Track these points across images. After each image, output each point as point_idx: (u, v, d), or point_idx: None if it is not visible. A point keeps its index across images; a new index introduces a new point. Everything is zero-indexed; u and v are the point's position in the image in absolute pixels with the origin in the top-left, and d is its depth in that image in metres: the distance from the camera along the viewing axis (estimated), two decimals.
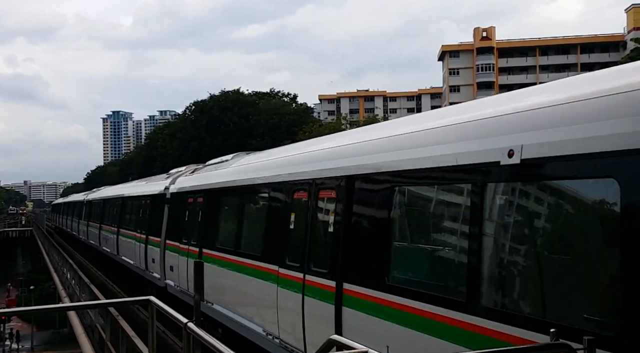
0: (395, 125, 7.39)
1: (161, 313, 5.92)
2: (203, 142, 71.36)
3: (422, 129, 6.10)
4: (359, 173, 6.65)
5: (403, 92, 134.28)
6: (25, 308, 7.84)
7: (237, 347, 4.82)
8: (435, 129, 5.83)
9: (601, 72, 4.91)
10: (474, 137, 5.10)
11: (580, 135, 4.04)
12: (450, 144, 5.31)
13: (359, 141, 7.43)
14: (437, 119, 6.22)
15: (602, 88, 4.19)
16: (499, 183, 4.77)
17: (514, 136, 4.63)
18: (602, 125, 3.94)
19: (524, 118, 4.72)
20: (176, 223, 15.15)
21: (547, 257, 4.45)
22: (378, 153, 6.52)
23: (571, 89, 4.62)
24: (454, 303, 4.99)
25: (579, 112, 4.22)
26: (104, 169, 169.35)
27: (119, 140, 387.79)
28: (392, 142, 6.45)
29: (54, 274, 37.38)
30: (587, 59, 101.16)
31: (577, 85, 4.82)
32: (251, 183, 10.31)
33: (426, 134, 5.91)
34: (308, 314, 7.36)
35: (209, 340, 4.67)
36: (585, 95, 4.25)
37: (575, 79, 5.18)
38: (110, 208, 28.42)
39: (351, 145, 7.55)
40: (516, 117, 4.82)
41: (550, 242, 4.51)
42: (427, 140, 5.76)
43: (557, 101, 4.49)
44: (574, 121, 4.19)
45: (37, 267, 66.46)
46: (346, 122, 67.73)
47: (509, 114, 4.92)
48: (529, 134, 4.48)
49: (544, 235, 4.53)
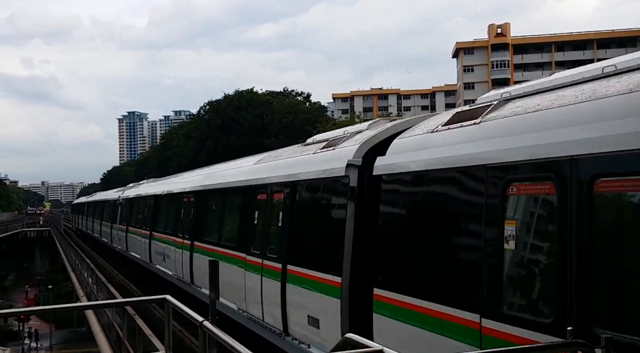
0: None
1: (177, 312, 5.95)
2: (218, 142, 71.61)
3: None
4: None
5: (417, 90, 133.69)
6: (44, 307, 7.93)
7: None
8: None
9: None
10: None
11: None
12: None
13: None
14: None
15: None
16: None
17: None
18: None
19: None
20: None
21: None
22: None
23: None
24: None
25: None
26: (120, 169, 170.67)
27: (135, 140, 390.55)
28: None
29: (72, 273, 37.77)
30: (604, 54, 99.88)
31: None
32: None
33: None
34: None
35: (225, 338, 4.69)
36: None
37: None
38: (167, 208, 20.26)
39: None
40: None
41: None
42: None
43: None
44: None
45: (55, 267, 67.23)
46: (360, 120, 67.64)
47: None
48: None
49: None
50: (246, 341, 4.72)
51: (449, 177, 5.83)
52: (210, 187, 14.85)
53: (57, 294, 53.29)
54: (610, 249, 4.20)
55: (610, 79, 4.81)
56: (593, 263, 4.23)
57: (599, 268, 4.21)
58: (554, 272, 4.52)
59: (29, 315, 44.56)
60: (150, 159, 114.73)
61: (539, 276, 4.76)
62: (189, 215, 16.43)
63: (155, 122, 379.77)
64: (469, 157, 5.52)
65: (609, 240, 4.21)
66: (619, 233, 4.20)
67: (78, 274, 33.11)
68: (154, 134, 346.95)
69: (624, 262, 4.13)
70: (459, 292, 5.45)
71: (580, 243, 4.28)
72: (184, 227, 16.68)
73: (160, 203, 21.18)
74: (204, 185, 15.48)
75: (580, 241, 4.28)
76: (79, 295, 29.92)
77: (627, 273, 4.12)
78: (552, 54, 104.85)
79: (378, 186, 6.99)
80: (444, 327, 5.54)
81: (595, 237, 4.23)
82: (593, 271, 4.22)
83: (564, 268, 4.38)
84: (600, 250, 4.21)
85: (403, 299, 6.19)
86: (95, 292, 23.35)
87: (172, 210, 19.26)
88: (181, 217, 17.55)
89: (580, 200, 4.30)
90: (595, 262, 4.22)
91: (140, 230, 23.81)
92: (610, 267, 4.21)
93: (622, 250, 4.16)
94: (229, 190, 13.29)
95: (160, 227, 20.44)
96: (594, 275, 4.21)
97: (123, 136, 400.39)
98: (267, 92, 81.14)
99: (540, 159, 4.69)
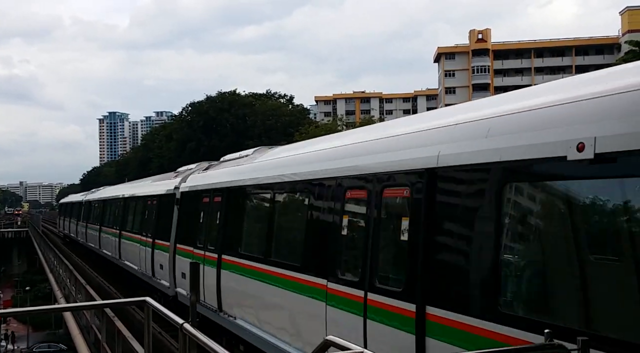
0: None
1: (158, 315, 5.93)
2: (200, 143, 71.31)
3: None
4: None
5: (399, 94, 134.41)
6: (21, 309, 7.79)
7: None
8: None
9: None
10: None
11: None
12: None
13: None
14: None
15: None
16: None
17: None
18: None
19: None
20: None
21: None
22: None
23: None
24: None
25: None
26: (100, 170, 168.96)
27: (115, 141, 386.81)
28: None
29: (50, 275, 37.28)
30: (582, 61, 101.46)
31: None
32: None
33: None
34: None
35: (204, 340, 4.70)
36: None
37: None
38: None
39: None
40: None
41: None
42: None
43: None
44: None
45: (33, 268, 66.30)
46: (342, 123, 67.76)
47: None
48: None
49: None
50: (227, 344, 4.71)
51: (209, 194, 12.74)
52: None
53: (35, 296, 52.60)
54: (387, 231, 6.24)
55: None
56: (379, 241, 6.23)
57: (383, 246, 6.23)
58: (364, 249, 6.41)
59: (6, 316, 43.86)
60: (131, 159, 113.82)
61: (357, 252, 6.66)
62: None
63: (137, 123, 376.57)
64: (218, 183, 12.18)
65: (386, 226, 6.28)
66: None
67: (56, 276, 32.71)
68: (135, 134, 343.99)
69: (391, 242, 6.16)
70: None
71: (376, 230, 6.32)
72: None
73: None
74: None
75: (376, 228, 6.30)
76: (57, 297, 29.56)
77: (395, 250, 6.12)
78: (532, 60, 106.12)
79: (184, 198, 14.76)
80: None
81: (380, 226, 6.29)
82: (381, 247, 6.23)
83: (367, 247, 6.34)
84: (382, 233, 6.27)
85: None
86: (74, 294, 23.09)
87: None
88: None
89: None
90: (380, 241, 6.22)
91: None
92: (387, 245, 6.22)
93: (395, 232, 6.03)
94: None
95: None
96: (380, 250, 6.24)
97: (104, 137, 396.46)
98: (249, 93, 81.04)
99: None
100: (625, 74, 4.45)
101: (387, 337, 5.84)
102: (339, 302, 6.72)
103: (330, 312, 6.90)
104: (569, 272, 4.33)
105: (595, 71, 5.37)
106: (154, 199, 18.22)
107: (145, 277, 18.36)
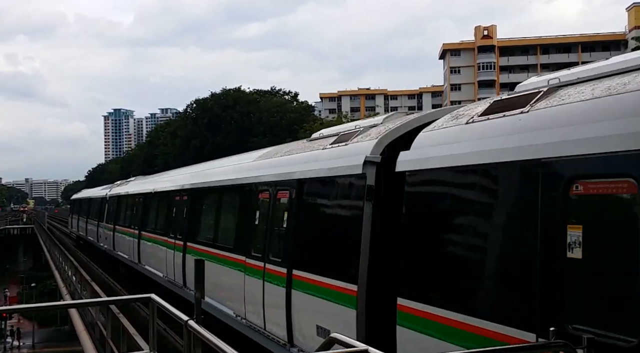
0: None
1: (162, 311, 5.93)
2: (205, 140, 71.29)
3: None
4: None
5: (404, 91, 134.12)
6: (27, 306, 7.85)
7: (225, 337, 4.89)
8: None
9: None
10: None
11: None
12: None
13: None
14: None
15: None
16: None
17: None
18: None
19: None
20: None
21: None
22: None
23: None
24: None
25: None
26: (105, 167, 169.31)
27: (120, 138, 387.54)
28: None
29: (55, 271, 37.41)
30: (588, 57, 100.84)
31: None
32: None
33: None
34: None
35: (209, 338, 4.68)
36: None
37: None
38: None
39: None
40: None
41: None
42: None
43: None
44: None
45: (38, 265, 66.55)
46: (347, 120, 67.68)
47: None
48: None
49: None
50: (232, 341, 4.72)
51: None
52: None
53: (40, 293, 52.79)
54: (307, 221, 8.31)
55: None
56: (298, 230, 8.33)
57: (301, 236, 8.28)
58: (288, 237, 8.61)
59: (11, 313, 44.09)
60: (136, 156, 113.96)
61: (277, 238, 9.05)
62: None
63: (142, 120, 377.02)
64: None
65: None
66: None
67: (61, 272, 32.81)
68: (140, 131, 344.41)
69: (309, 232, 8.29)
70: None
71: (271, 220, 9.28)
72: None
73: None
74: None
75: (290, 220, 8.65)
76: (62, 294, 29.66)
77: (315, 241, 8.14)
78: (538, 56, 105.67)
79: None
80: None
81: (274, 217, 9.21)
82: (297, 235, 8.34)
83: (291, 234, 8.50)
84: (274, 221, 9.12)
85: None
86: (79, 291, 23.16)
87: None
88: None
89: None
90: (299, 230, 8.30)
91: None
92: (307, 236, 8.28)
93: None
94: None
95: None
96: (291, 237, 8.45)
97: (109, 133, 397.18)
98: (254, 90, 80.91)
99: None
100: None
101: (273, 292, 8.63)
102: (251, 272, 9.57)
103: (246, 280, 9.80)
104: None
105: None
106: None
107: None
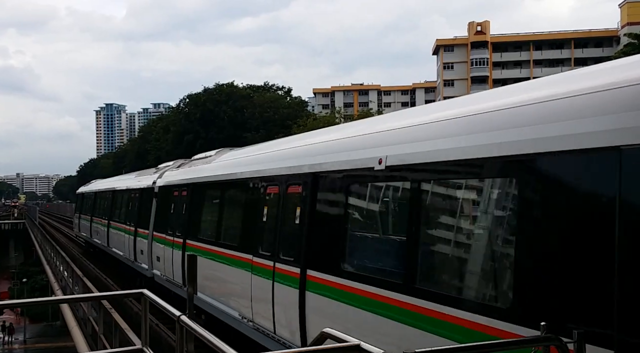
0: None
1: (154, 306, 5.92)
2: (197, 135, 71.06)
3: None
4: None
5: (397, 86, 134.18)
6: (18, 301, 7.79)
7: (222, 333, 4.94)
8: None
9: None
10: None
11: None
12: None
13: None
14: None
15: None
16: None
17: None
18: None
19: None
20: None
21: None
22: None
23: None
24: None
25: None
26: (97, 162, 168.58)
27: (112, 132, 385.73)
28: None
29: (47, 267, 37.28)
30: (580, 54, 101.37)
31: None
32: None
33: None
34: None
35: (202, 333, 4.68)
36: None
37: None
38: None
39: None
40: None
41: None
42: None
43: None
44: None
45: (30, 260, 66.30)
46: (340, 115, 67.60)
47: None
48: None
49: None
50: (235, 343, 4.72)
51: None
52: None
53: (31, 288, 52.59)
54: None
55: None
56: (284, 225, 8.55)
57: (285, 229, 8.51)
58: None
59: (2, 308, 43.90)
60: (128, 151, 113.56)
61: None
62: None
63: (134, 115, 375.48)
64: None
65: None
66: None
67: (53, 267, 32.70)
68: (132, 126, 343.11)
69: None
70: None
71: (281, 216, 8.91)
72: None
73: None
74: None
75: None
76: (54, 289, 29.57)
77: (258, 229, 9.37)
78: (531, 52, 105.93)
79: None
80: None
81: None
82: (250, 223, 9.73)
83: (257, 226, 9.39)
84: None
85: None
86: (70, 286, 23.07)
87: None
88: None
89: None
90: (283, 224, 8.53)
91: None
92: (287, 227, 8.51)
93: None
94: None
95: None
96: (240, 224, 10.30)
97: (100, 128, 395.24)
98: (247, 85, 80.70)
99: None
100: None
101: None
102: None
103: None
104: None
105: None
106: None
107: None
